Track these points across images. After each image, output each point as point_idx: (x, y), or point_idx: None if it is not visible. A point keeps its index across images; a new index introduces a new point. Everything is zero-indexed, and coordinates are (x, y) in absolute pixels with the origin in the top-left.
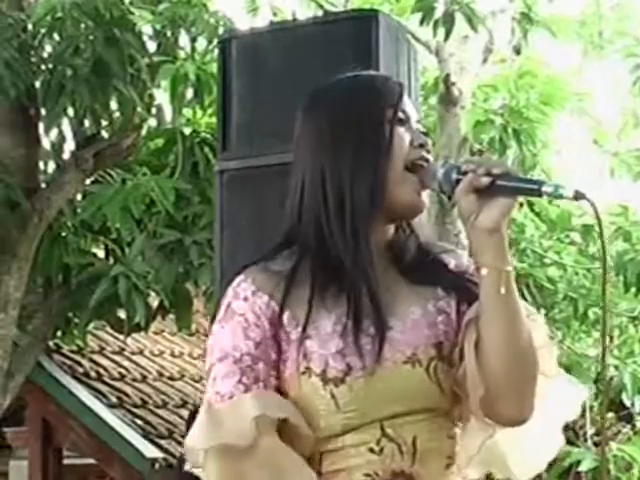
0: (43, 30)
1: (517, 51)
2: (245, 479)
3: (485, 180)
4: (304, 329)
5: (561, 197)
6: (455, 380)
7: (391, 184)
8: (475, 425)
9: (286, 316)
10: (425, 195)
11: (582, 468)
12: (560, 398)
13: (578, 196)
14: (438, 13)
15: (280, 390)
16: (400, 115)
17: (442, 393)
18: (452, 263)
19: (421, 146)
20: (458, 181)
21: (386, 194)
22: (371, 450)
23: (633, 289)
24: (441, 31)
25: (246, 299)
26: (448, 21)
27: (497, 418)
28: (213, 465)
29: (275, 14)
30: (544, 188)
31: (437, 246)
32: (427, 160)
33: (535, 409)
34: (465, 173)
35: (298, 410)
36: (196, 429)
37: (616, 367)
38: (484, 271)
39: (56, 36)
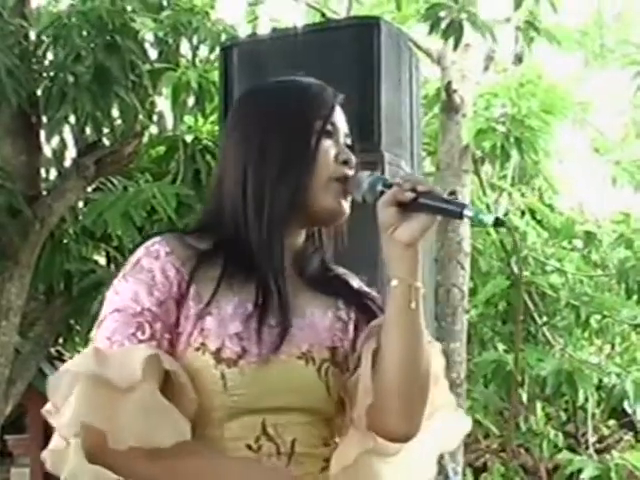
0: (45, 38)
1: (519, 59)
2: (114, 414)
3: (409, 195)
4: (207, 304)
5: (481, 223)
6: (344, 386)
7: (313, 191)
8: (354, 435)
9: (192, 290)
10: (346, 203)
11: (584, 476)
12: (442, 428)
13: (498, 223)
14: (445, 22)
15: None
16: (328, 128)
17: (329, 396)
18: (355, 283)
19: (345, 163)
20: (382, 193)
21: (307, 199)
22: (249, 447)
23: (635, 297)
24: (449, 38)
25: (157, 258)
26: (457, 30)
27: (382, 431)
28: (80, 390)
29: (276, 22)
30: (465, 211)
31: (339, 267)
32: (348, 178)
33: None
34: (390, 186)
35: None
36: (76, 358)
37: (618, 375)
38: (394, 282)
39: (58, 43)
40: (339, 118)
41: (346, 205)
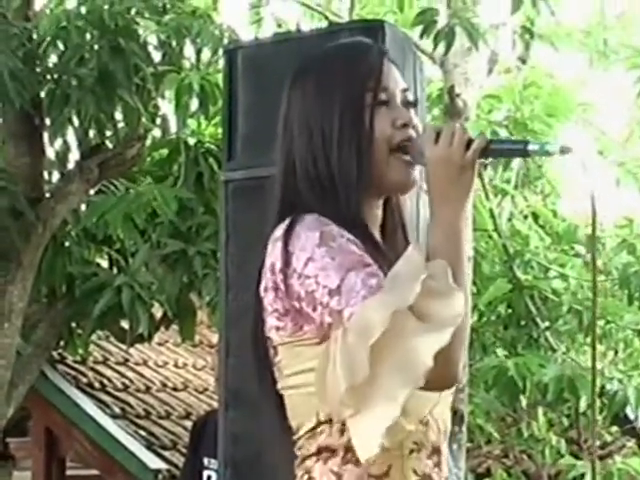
0: (48, 40)
1: (522, 61)
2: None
3: (484, 142)
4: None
5: (548, 154)
6: None
7: (379, 165)
8: None
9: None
10: (414, 171)
11: None
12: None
13: (564, 150)
14: (439, 26)
15: None
16: (381, 97)
17: None
18: None
19: (404, 126)
20: None
21: (374, 173)
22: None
23: (637, 302)
24: (441, 43)
25: (331, 226)
26: (449, 35)
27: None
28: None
29: (279, 25)
30: (530, 147)
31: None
32: (411, 139)
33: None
34: None
35: None
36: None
37: (620, 381)
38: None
39: (61, 46)
40: (390, 78)
41: (412, 174)
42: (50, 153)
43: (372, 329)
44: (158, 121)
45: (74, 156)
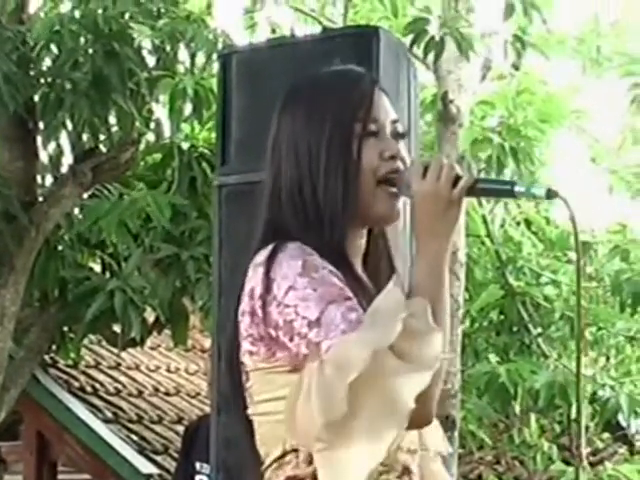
0: (41, 43)
1: (516, 68)
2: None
3: (470, 181)
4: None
5: (534, 197)
6: None
7: (365, 196)
8: None
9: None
10: (397, 203)
11: None
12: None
13: (551, 195)
14: (429, 35)
15: None
16: (370, 128)
17: None
18: None
19: (392, 158)
20: None
21: (360, 204)
22: None
23: (629, 309)
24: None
25: (314, 256)
26: (438, 45)
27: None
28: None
29: (274, 30)
30: (516, 188)
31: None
32: (398, 170)
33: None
34: None
35: None
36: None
37: (612, 388)
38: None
39: (55, 49)
40: (381, 109)
41: (397, 206)
42: (43, 157)
43: (352, 365)
44: (152, 125)
45: (67, 160)
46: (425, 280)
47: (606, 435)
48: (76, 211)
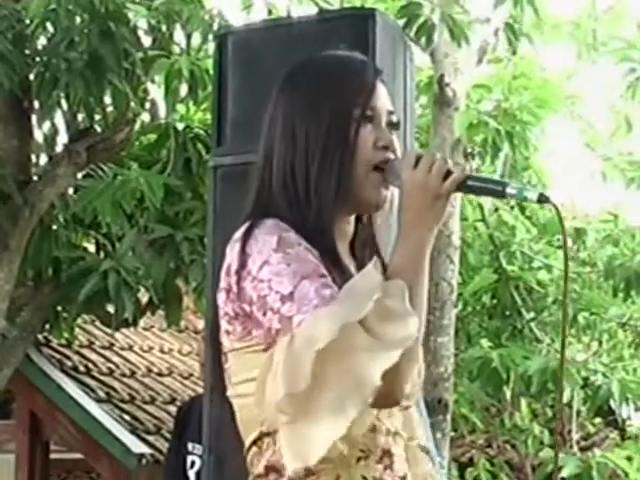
0: (37, 22)
1: (513, 52)
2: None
3: (462, 176)
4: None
5: (525, 200)
6: None
7: (356, 182)
8: None
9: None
10: (387, 192)
11: (564, 474)
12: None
13: (542, 199)
14: (422, 19)
15: None
16: (368, 113)
17: None
18: None
19: (385, 148)
20: None
21: (351, 188)
22: None
23: (622, 294)
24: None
25: (290, 233)
26: (430, 30)
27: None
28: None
29: (270, 11)
30: (508, 190)
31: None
32: (389, 161)
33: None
34: None
35: None
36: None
37: (604, 374)
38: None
39: (51, 28)
40: (380, 98)
41: (385, 194)
42: (38, 136)
43: (319, 338)
44: (147, 106)
45: (62, 139)
46: (405, 264)
47: (598, 420)
48: (70, 191)
